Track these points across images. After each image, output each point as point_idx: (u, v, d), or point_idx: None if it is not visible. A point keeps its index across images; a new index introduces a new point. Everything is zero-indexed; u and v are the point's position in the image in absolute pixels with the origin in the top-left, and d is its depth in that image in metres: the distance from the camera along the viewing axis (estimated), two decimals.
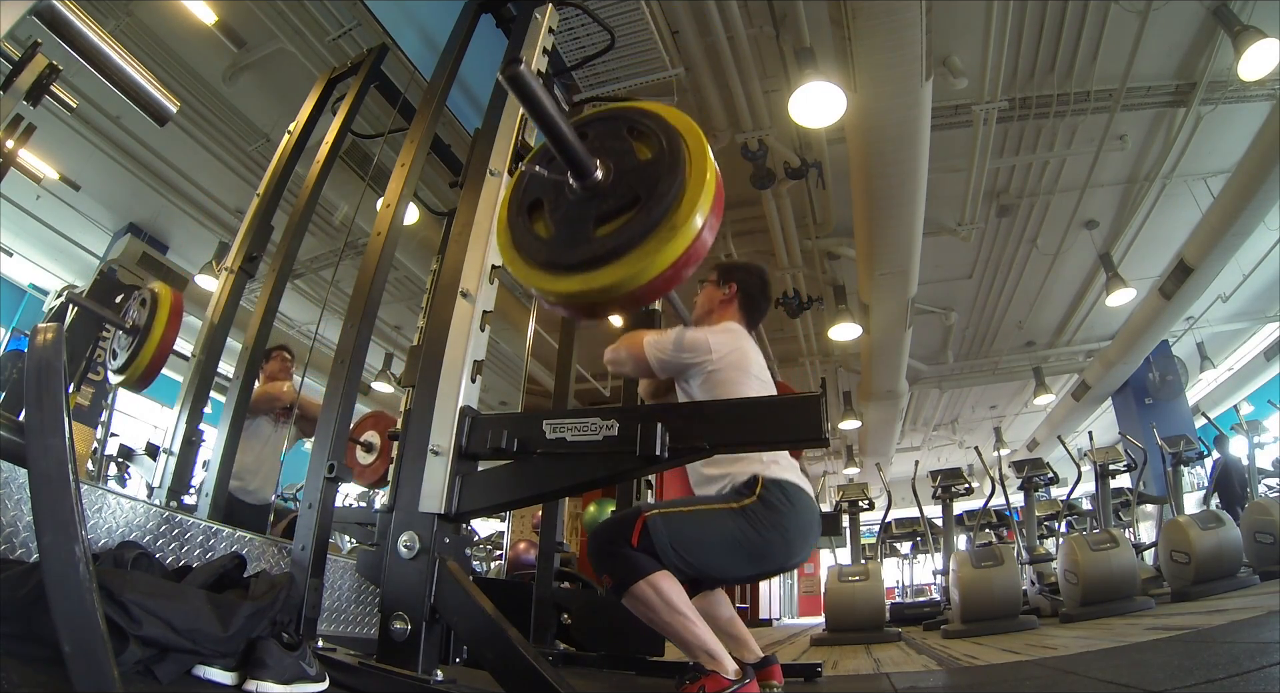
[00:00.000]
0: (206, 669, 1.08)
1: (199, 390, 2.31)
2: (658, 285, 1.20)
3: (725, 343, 1.89)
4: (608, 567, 1.61)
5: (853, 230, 5.65)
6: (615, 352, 1.97)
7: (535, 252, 1.28)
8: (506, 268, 1.41)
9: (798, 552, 1.74)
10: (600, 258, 1.20)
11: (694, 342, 1.86)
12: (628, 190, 1.23)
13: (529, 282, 1.30)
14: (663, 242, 1.17)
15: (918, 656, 3.35)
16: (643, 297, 1.23)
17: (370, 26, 3.68)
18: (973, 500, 6.03)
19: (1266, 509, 4.23)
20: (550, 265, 1.26)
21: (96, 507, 1.40)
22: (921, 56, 3.84)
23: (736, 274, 2.13)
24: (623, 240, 1.18)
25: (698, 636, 1.56)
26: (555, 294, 1.26)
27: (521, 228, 1.34)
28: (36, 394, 0.82)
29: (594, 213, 1.24)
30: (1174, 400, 8.48)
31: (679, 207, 1.18)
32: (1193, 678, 1.45)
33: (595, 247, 1.20)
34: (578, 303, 1.27)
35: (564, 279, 1.24)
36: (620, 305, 1.28)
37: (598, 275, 1.20)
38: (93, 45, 1.61)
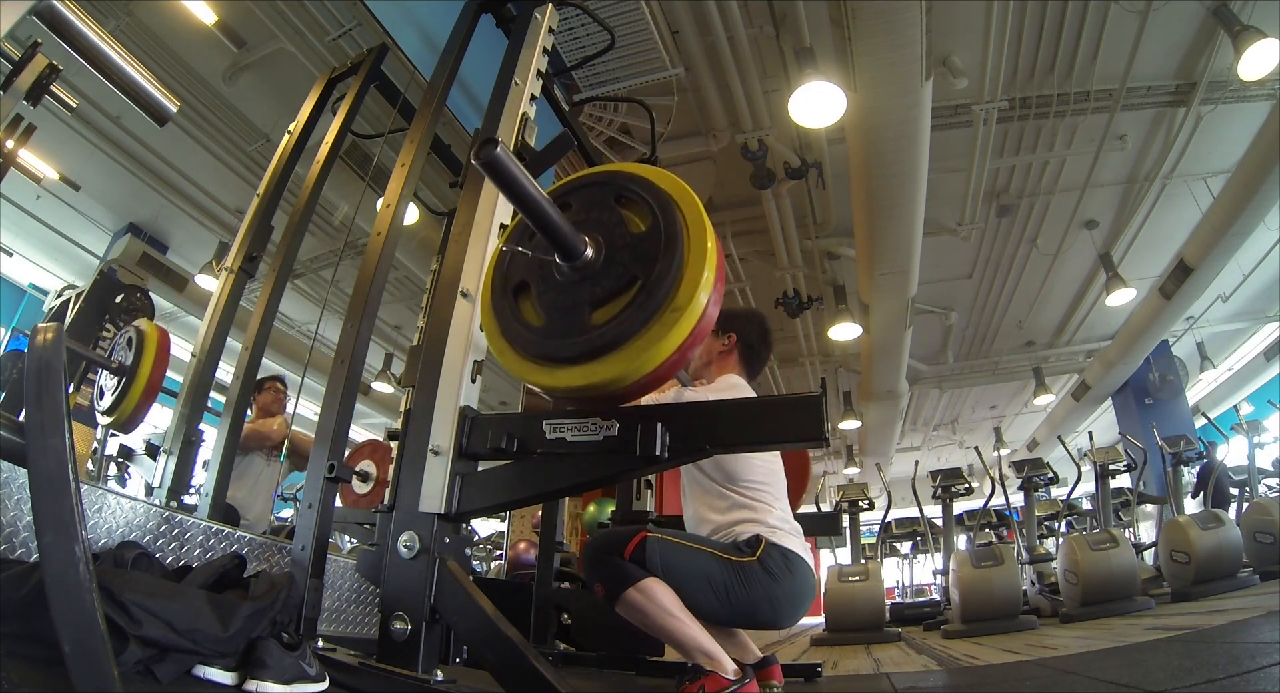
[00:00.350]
0: (206, 669, 1.08)
1: (199, 390, 2.31)
2: (663, 372, 1.13)
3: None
4: (599, 576, 1.63)
5: (853, 230, 5.65)
6: None
7: (527, 343, 1.20)
8: (497, 360, 1.32)
9: (785, 619, 1.73)
10: (599, 349, 1.11)
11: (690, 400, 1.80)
12: (622, 270, 1.14)
13: (522, 376, 1.22)
14: (667, 327, 1.08)
15: (918, 656, 3.34)
16: (647, 385, 1.16)
17: (370, 26, 3.69)
18: (973, 500, 6.03)
19: (1266, 509, 4.22)
20: (545, 359, 1.18)
21: (96, 507, 1.40)
22: (921, 56, 3.84)
23: (736, 324, 2.05)
24: (623, 330, 1.10)
25: (693, 637, 1.57)
26: (553, 389, 1.19)
27: (508, 314, 1.25)
28: (36, 394, 0.82)
29: (587, 297, 1.15)
30: (1174, 400, 8.48)
31: (680, 287, 1.09)
32: (1193, 678, 1.44)
33: (593, 337, 1.12)
34: (578, 397, 1.19)
35: (561, 373, 1.16)
36: (623, 397, 1.20)
37: (597, 368, 1.12)
38: (93, 45, 1.61)
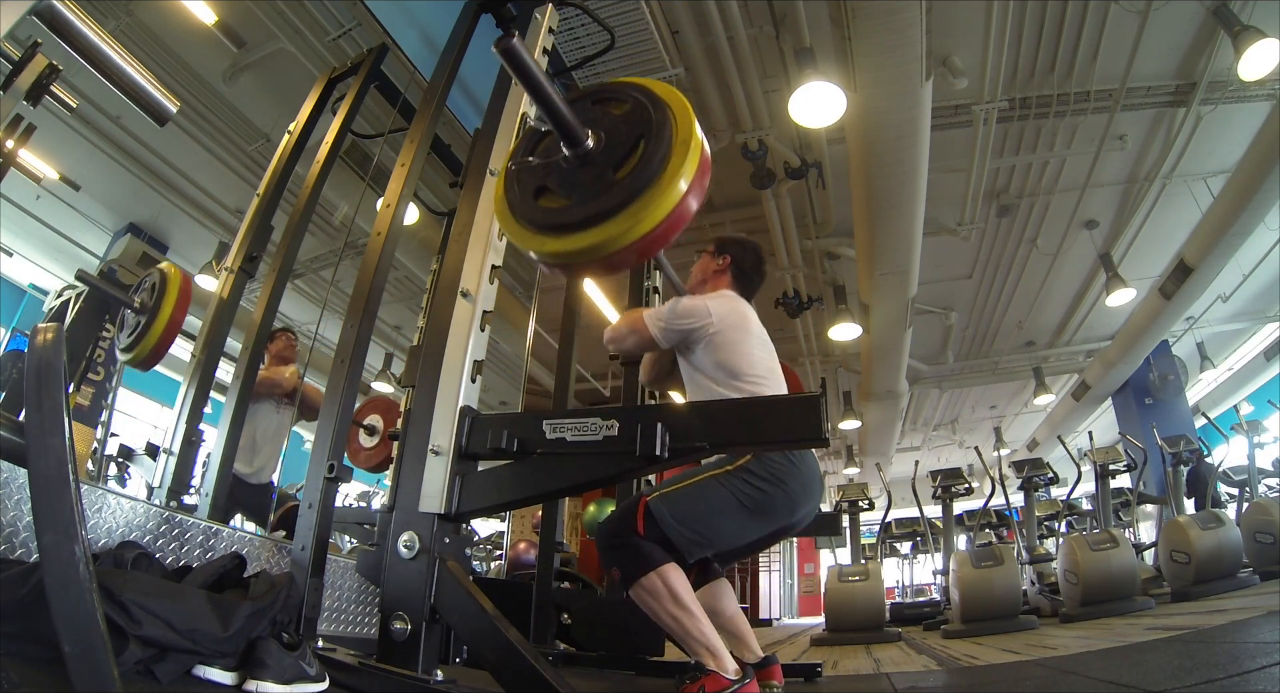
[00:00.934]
0: (206, 669, 1.08)
1: (199, 390, 2.31)
2: (644, 245, 1.25)
3: (722, 306, 1.92)
4: (615, 559, 1.62)
5: (853, 230, 5.65)
6: (615, 329, 1.99)
7: (534, 218, 1.33)
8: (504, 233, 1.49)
9: (801, 506, 1.76)
10: (590, 219, 1.25)
11: (691, 307, 1.89)
12: (616, 158, 1.29)
13: (525, 245, 1.34)
14: (651, 202, 1.22)
15: (918, 656, 3.34)
16: (630, 256, 1.27)
17: (370, 26, 3.68)
18: (973, 500, 6.03)
19: (1266, 509, 4.22)
20: (545, 228, 1.31)
21: (96, 507, 1.40)
22: (921, 56, 3.84)
23: (731, 247, 2.15)
24: (612, 203, 1.23)
25: (701, 632, 1.56)
26: (549, 254, 1.31)
27: (517, 199, 1.38)
28: (36, 394, 0.82)
29: (587, 177, 1.30)
30: (1174, 400, 8.48)
31: (665, 170, 1.23)
32: (1193, 678, 1.45)
33: (590, 207, 1.26)
34: (569, 262, 1.32)
35: (557, 240, 1.28)
36: (609, 265, 1.32)
37: (589, 235, 1.25)
38: (93, 45, 1.61)
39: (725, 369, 1.84)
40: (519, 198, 1.36)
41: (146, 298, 2.79)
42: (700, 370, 1.88)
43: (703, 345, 1.86)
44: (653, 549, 1.58)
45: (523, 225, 1.34)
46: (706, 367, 1.87)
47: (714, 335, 1.86)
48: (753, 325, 1.95)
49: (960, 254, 6.78)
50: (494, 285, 1.66)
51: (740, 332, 1.89)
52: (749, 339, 1.90)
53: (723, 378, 1.84)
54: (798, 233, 6.07)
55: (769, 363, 1.93)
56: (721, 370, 1.85)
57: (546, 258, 1.32)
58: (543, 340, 5.90)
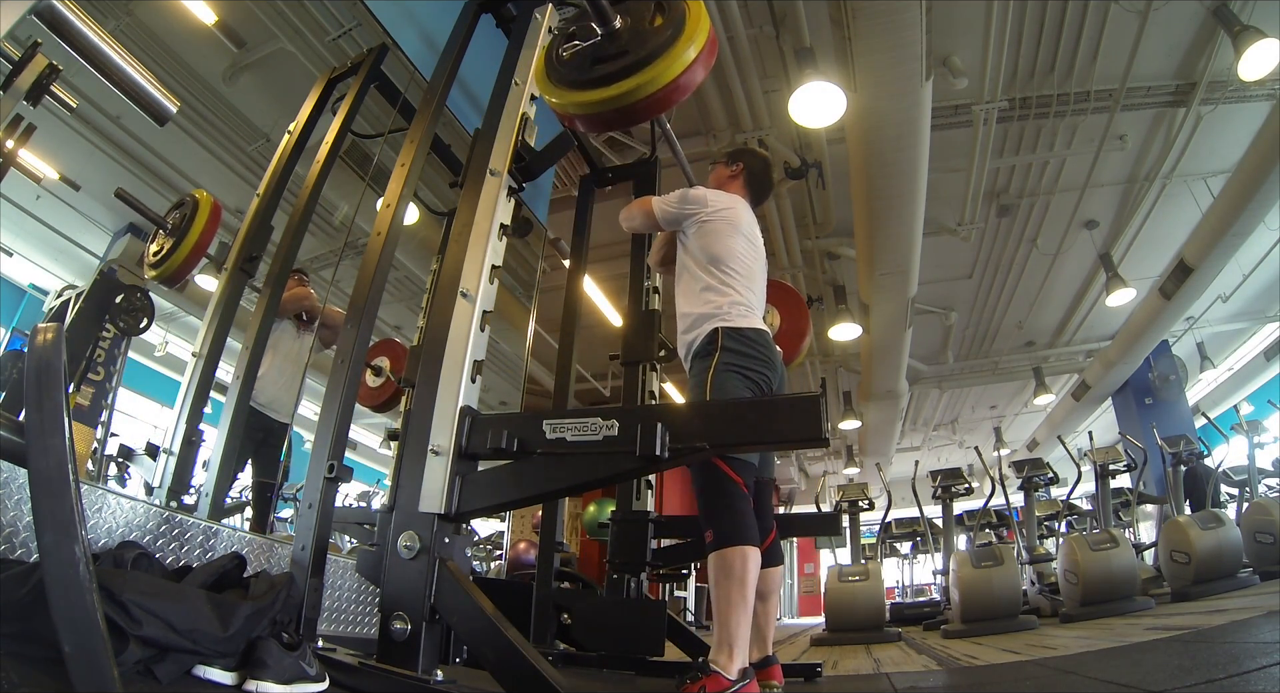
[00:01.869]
0: (206, 669, 1.08)
1: (199, 390, 2.31)
2: (662, 95, 1.55)
3: (722, 200, 2.14)
4: (716, 521, 1.71)
5: (853, 230, 5.65)
6: (629, 210, 2.28)
7: (565, 75, 1.65)
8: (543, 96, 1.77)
9: (776, 367, 1.98)
10: (616, 74, 1.55)
11: (694, 195, 2.14)
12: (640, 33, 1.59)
13: (559, 99, 1.65)
14: (664, 65, 1.53)
15: (918, 656, 3.34)
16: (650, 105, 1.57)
17: (370, 26, 3.68)
18: (973, 500, 6.02)
19: (1266, 509, 4.22)
20: (577, 84, 1.62)
21: (96, 507, 1.40)
22: (921, 56, 3.84)
23: (744, 156, 2.38)
24: (634, 62, 1.54)
25: (738, 625, 1.61)
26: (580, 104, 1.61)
27: (556, 66, 1.69)
28: (36, 394, 0.82)
29: (616, 48, 1.59)
30: (1174, 400, 8.48)
31: (679, 40, 1.54)
32: (1193, 678, 1.44)
33: (618, 67, 1.56)
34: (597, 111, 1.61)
35: (587, 93, 1.59)
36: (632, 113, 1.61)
37: (615, 87, 1.55)
38: (93, 45, 1.61)
39: (708, 254, 2.05)
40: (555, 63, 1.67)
41: (177, 221, 2.93)
42: (688, 253, 2.11)
43: (695, 230, 2.09)
44: (752, 527, 1.70)
45: (560, 86, 1.64)
46: (694, 250, 2.08)
47: (704, 222, 2.08)
48: (744, 226, 2.13)
49: (960, 254, 6.78)
50: (494, 285, 1.66)
51: (729, 225, 2.09)
52: (735, 234, 2.09)
53: (704, 261, 2.05)
54: (798, 233, 6.07)
55: (750, 263, 2.11)
56: (704, 255, 2.06)
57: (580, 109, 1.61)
58: (543, 340, 5.90)
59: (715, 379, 1.86)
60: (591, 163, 3.45)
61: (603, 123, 1.71)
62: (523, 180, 1.83)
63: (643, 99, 1.53)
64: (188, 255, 2.84)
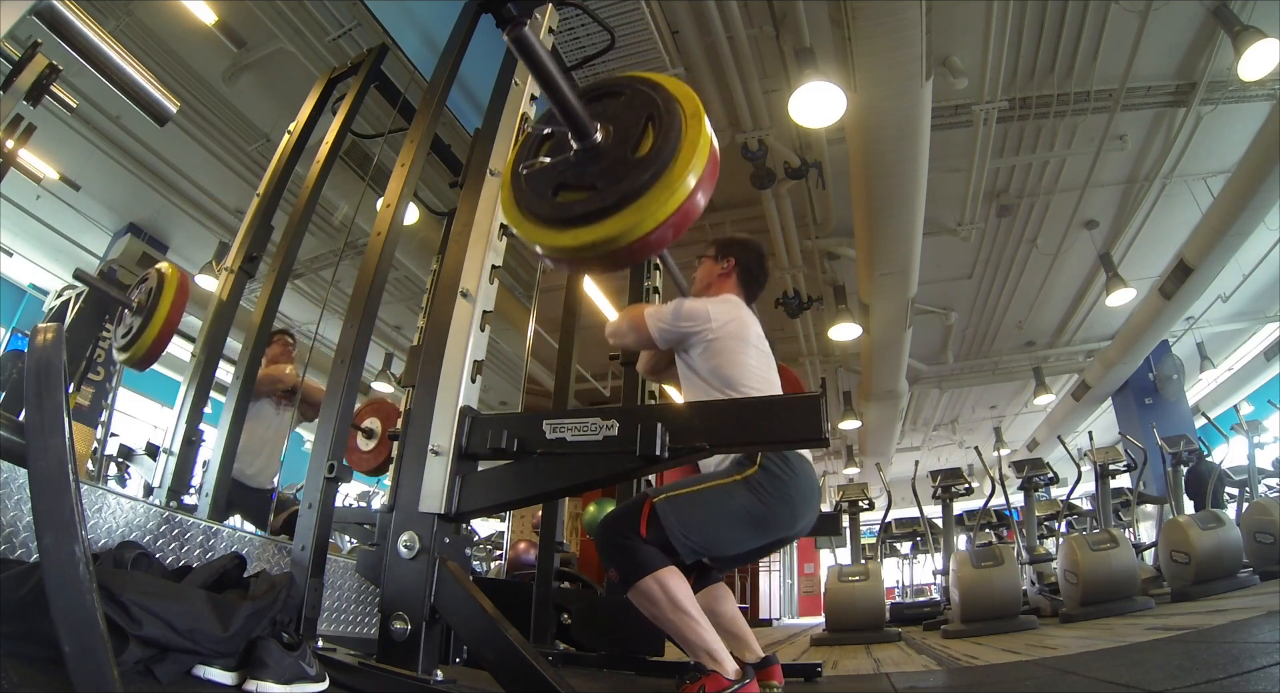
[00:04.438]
0: (206, 669, 1.08)
1: (199, 390, 2.31)
2: (653, 239, 1.24)
3: (724, 312, 1.92)
4: (615, 560, 1.61)
5: (853, 230, 5.65)
6: (617, 324, 2.01)
7: (537, 208, 1.32)
8: (510, 227, 1.46)
9: (802, 517, 1.76)
10: (602, 211, 1.24)
11: (693, 311, 1.89)
12: (626, 151, 1.28)
13: (531, 238, 1.34)
14: (656, 197, 1.21)
15: (918, 656, 3.34)
16: (638, 250, 1.27)
17: (370, 26, 3.68)
18: (973, 500, 6.03)
19: (1266, 509, 4.22)
20: (551, 221, 1.29)
21: (96, 507, 1.40)
22: (921, 56, 3.84)
23: (734, 249, 2.16)
24: (623, 196, 1.23)
25: (700, 635, 1.56)
26: (556, 249, 1.30)
27: (524, 189, 1.37)
28: (36, 394, 0.82)
29: (595, 171, 1.29)
30: (1174, 400, 8.48)
31: (673, 166, 1.23)
32: (1193, 678, 1.44)
33: (596, 201, 1.25)
34: (577, 257, 1.31)
35: (564, 234, 1.27)
36: (616, 259, 1.31)
37: (596, 229, 1.24)
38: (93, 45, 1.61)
39: (720, 376, 1.84)
40: (525, 193, 1.36)
41: (144, 298, 2.78)
42: (695, 372, 1.89)
43: (700, 349, 1.87)
44: (652, 553, 1.57)
45: (530, 219, 1.33)
46: (702, 370, 1.87)
47: (712, 341, 1.86)
48: (752, 334, 1.95)
49: (960, 254, 6.78)
50: (494, 285, 1.66)
51: (738, 341, 1.89)
52: (746, 348, 1.89)
53: (717, 384, 1.84)
54: (798, 233, 6.07)
55: (764, 372, 1.92)
56: (716, 377, 1.85)
57: (554, 253, 1.31)
58: (543, 340, 5.90)
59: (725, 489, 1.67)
60: None
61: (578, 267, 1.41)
62: None
63: (632, 242, 1.23)
64: (158, 335, 2.69)
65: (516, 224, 1.38)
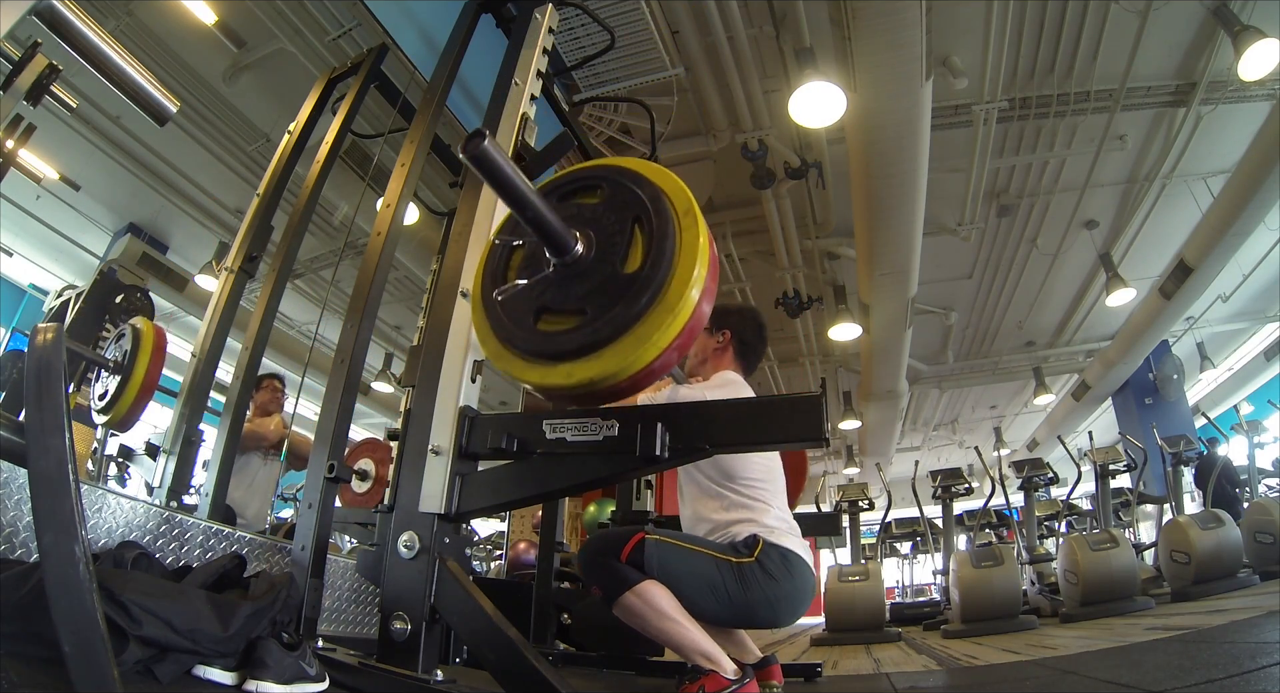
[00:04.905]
0: (206, 669, 1.08)
1: (199, 390, 2.31)
2: (655, 369, 1.10)
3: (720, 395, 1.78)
4: (596, 579, 1.63)
5: (853, 230, 5.65)
6: None
7: (517, 339, 1.17)
8: (488, 361, 1.29)
9: (784, 619, 1.73)
10: (591, 346, 1.09)
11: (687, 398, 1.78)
12: (614, 266, 1.13)
13: (511, 372, 1.19)
14: (657, 323, 1.06)
15: (918, 656, 3.34)
16: (640, 382, 1.13)
17: (370, 26, 3.69)
18: (973, 500, 6.03)
19: (1266, 509, 4.22)
20: (537, 355, 1.15)
21: (96, 507, 1.40)
22: (921, 56, 3.84)
23: (730, 320, 2.03)
24: (615, 325, 1.07)
25: (692, 640, 1.57)
26: (546, 388, 1.16)
27: (499, 313, 1.21)
28: (36, 394, 0.82)
29: (578, 293, 1.14)
30: (1174, 400, 8.48)
31: (672, 282, 1.07)
32: (1193, 678, 1.44)
33: (584, 334, 1.09)
34: (571, 395, 1.17)
35: (553, 370, 1.12)
36: (614, 395, 1.17)
37: (590, 365, 1.09)
38: (93, 45, 1.61)
39: (721, 471, 1.79)
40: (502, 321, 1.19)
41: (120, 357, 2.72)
42: (695, 466, 1.82)
43: None
44: (629, 570, 1.58)
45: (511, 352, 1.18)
46: (702, 464, 1.78)
47: None
48: None
49: (960, 254, 6.78)
50: None
51: None
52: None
53: (718, 478, 1.79)
54: (798, 233, 6.07)
55: (769, 463, 1.84)
56: (717, 471, 1.79)
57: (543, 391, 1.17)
58: None
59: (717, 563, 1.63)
60: None
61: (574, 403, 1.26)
62: None
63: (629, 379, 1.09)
64: (137, 395, 2.66)
65: (497, 357, 1.21)
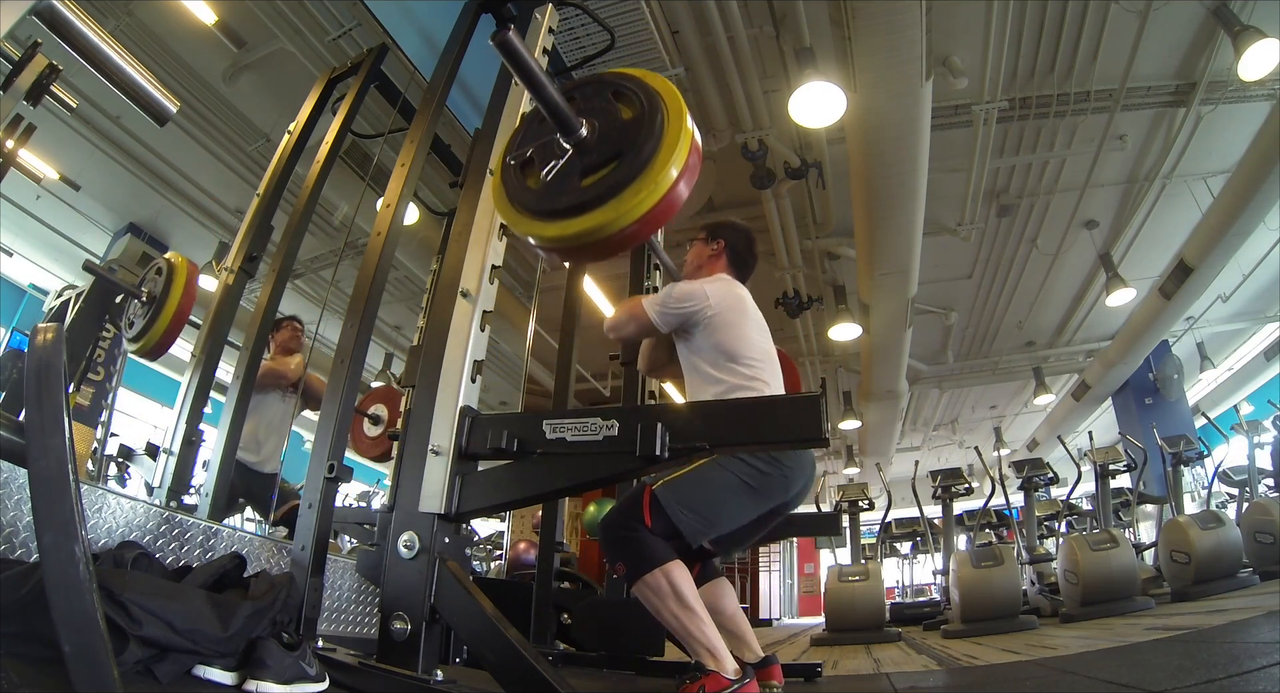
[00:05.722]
0: (206, 669, 1.08)
1: (199, 390, 2.31)
2: (637, 229, 1.30)
3: (720, 289, 1.95)
4: (621, 554, 1.62)
5: (853, 230, 5.65)
6: (616, 317, 2.03)
7: (526, 201, 1.39)
8: (500, 219, 1.53)
9: (795, 481, 1.79)
10: (585, 204, 1.30)
11: (689, 292, 1.92)
12: (610, 146, 1.34)
13: (520, 229, 1.40)
14: (643, 188, 1.27)
15: (918, 656, 3.34)
16: (624, 240, 1.33)
17: (370, 26, 3.68)
18: (973, 500, 6.03)
19: (1266, 509, 4.22)
20: (540, 213, 1.36)
21: (96, 507, 1.40)
22: (921, 56, 3.84)
23: (723, 231, 2.19)
24: (605, 189, 1.29)
25: (702, 632, 1.57)
26: (544, 239, 1.37)
27: (514, 183, 1.43)
28: (36, 394, 0.82)
29: (580, 167, 1.35)
30: (1174, 400, 8.48)
31: (656, 159, 1.28)
32: (1193, 678, 1.44)
33: (583, 193, 1.31)
34: (564, 246, 1.38)
35: (552, 225, 1.34)
36: (603, 248, 1.37)
37: (585, 220, 1.30)
38: (93, 45, 1.61)
39: (723, 351, 1.87)
40: (517, 187, 1.41)
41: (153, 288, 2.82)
42: (697, 354, 1.91)
43: (701, 328, 1.89)
44: (658, 545, 1.58)
45: (521, 212, 1.39)
46: (704, 350, 1.89)
47: (711, 317, 1.88)
48: (749, 308, 1.98)
49: (960, 254, 6.78)
50: (494, 285, 1.66)
51: (737, 313, 1.92)
52: (746, 321, 1.93)
53: (720, 360, 1.86)
54: (798, 233, 6.07)
55: (765, 346, 1.95)
56: (719, 353, 1.87)
57: (544, 243, 1.37)
58: (543, 340, 5.90)
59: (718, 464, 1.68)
60: None
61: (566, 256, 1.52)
62: None
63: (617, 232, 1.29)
64: (169, 326, 2.73)
65: (505, 215, 1.45)
